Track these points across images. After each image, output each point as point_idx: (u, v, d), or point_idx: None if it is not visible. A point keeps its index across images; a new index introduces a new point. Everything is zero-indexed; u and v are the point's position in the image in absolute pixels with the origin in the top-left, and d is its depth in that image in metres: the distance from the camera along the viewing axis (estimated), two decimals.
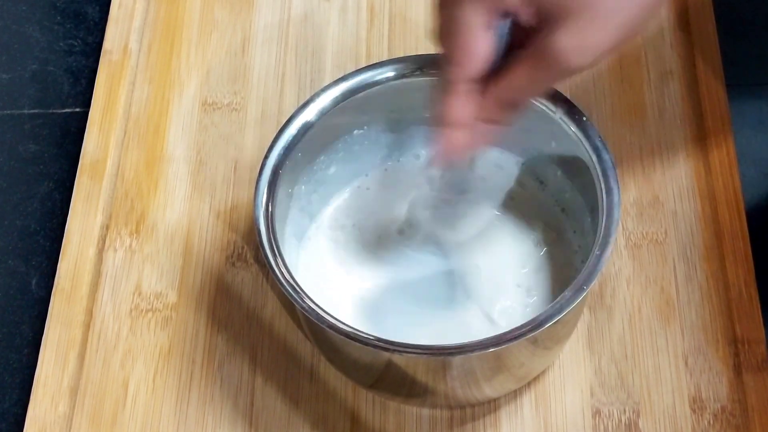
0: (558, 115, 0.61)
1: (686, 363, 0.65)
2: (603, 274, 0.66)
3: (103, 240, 0.71)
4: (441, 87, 0.54)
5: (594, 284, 0.56)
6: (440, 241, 0.64)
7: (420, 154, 0.67)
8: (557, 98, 0.61)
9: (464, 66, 0.52)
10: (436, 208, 0.65)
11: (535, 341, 0.58)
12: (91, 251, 0.71)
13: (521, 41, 0.53)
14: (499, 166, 0.66)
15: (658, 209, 0.70)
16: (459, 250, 0.64)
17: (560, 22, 0.49)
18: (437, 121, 0.54)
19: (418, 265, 0.64)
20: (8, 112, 0.78)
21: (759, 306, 0.66)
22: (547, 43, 0.50)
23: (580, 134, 0.60)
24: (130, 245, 0.71)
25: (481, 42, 0.52)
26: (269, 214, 0.59)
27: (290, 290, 0.57)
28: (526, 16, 0.51)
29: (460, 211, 0.65)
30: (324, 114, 0.62)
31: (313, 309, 0.57)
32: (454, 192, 0.63)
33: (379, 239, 0.65)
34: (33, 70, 0.80)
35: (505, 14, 0.52)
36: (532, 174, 0.66)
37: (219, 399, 0.66)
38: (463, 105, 0.53)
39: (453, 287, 0.63)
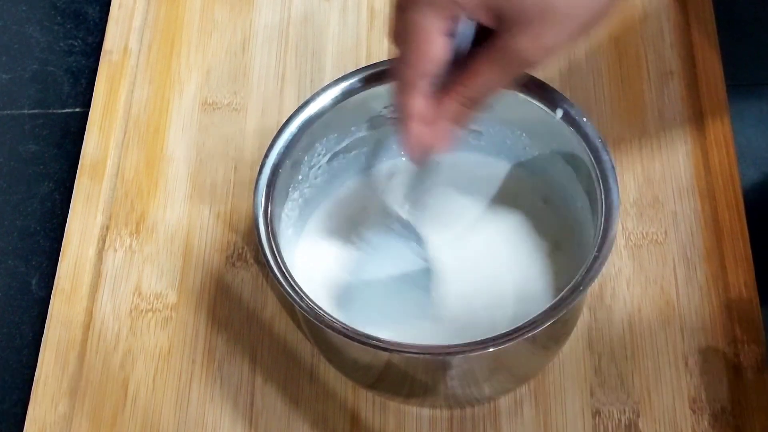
0: (558, 115, 0.61)
1: (686, 363, 0.65)
2: (603, 274, 0.66)
3: (103, 240, 0.71)
4: (397, 87, 0.55)
5: (593, 285, 0.56)
6: (440, 239, 0.64)
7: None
8: (557, 98, 0.61)
9: (419, 69, 0.54)
10: (429, 205, 0.65)
11: (534, 341, 0.58)
12: (91, 251, 0.71)
13: (479, 37, 0.54)
14: (498, 166, 0.66)
15: (658, 209, 0.70)
16: (457, 249, 0.64)
17: (519, 26, 0.51)
18: (398, 118, 0.56)
19: (416, 263, 0.64)
20: (8, 112, 0.78)
21: (759, 307, 0.66)
22: (507, 45, 0.52)
23: (579, 134, 0.60)
24: (130, 245, 0.71)
25: (437, 47, 0.53)
26: (269, 214, 0.59)
27: (290, 290, 0.57)
28: (484, 19, 0.52)
29: (458, 212, 0.65)
30: (324, 113, 0.62)
31: (312, 309, 0.57)
32: (420, 191, 0.63)
33: (379, 238, 0.65)
34: (33, 70, 0.80)
35: (464, 18, 0.53)
36: (531, 174, 0.66)
37: (219, 399, 0.66)
38: (420, 102, 0.55)
39: (452, 286, 0.63)
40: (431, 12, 0.52)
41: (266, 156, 0.61)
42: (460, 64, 0.54)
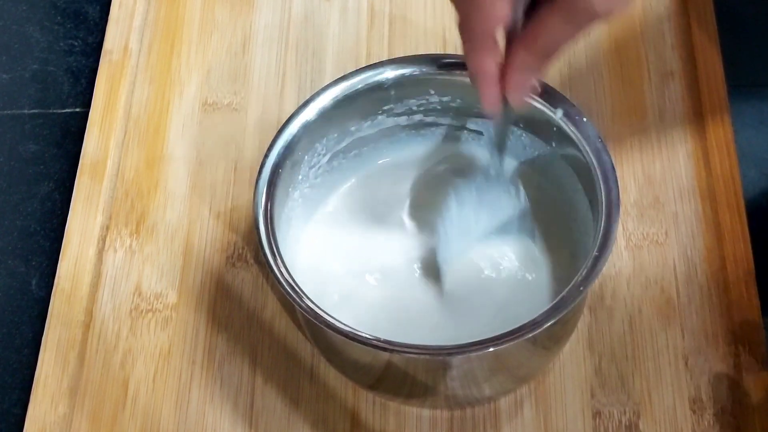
0: (558, 115, 0.61)
1: (686, 364, 0.65)
2: (603, 274, 0.66)
3: (103, 240, 0.71)
4: (466, 47, 0.55)
5: (593, 285, 0.56)
6: (439, 239, 0.64)
7: (420, 152, 0.67)
8: (557, 98, 0.61)
9: (485, 29, 0.53)
10: (433, 205, 0.65)
11: (535, 341, 0.58)
12: (91, 251, 0.71)
13: None
14: (497, 166, 0.66)
15: (659, 210, 0.70)
16: (457, 249, 0.64)
17: None
18: (471, 77, 0.56)
19: (415, 263, 0.64)
20: (8, 112, 0.78)
21: (759, 307, 0.66)
22: None
23: (580, 135, 0.60)
24: (130, 245, 0.71)
25: (500, 6, 0.52)
26: (269, 214, 0.59)
27: (290, 291, 0.57)
28: None
29: (456, 212, 0.65)
30: (324, 113, 0.62)
31: (312, 309, 0.56)
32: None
33: (379, 238, 0.65)
34: (33, 70, 0.80)
35: None
36: (531, 175, 0.66)
37: (219, 399, 0.66)
38: (490, 60, 0.54)
39: (451, 286, 0.63)
40: None
41: (266, 156, 0.61)
42: (527, 16, 0.53)
